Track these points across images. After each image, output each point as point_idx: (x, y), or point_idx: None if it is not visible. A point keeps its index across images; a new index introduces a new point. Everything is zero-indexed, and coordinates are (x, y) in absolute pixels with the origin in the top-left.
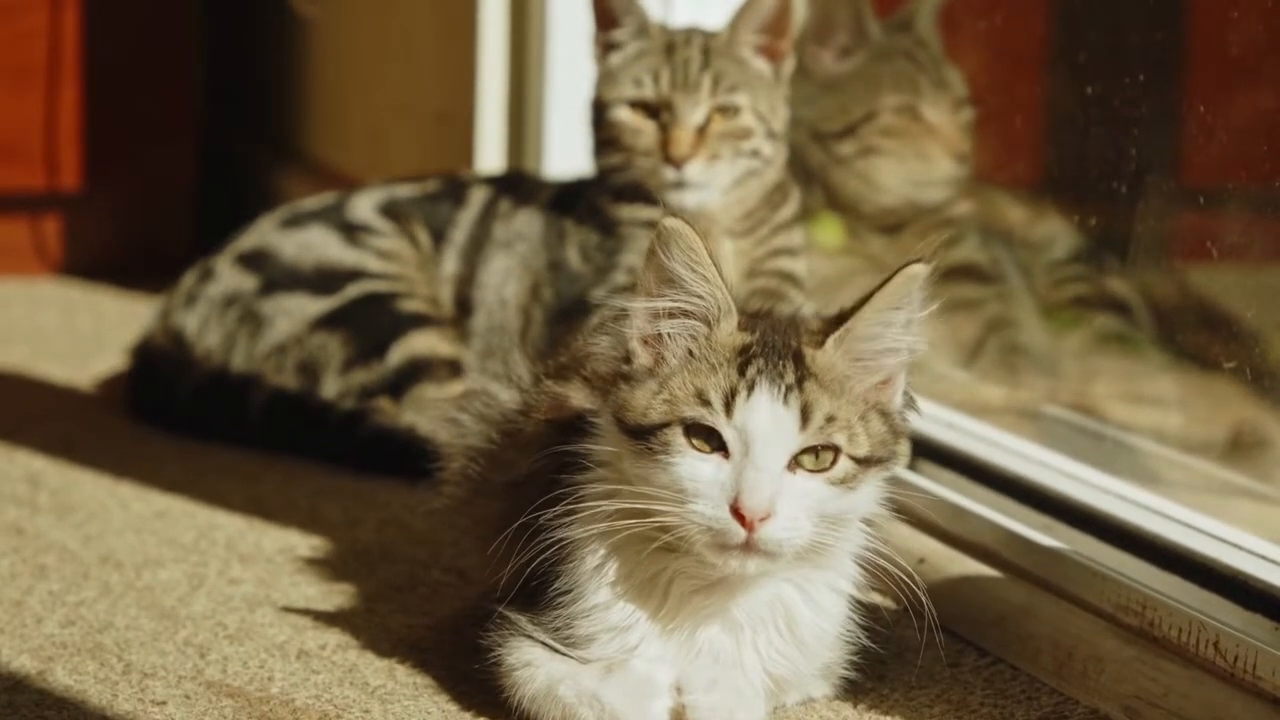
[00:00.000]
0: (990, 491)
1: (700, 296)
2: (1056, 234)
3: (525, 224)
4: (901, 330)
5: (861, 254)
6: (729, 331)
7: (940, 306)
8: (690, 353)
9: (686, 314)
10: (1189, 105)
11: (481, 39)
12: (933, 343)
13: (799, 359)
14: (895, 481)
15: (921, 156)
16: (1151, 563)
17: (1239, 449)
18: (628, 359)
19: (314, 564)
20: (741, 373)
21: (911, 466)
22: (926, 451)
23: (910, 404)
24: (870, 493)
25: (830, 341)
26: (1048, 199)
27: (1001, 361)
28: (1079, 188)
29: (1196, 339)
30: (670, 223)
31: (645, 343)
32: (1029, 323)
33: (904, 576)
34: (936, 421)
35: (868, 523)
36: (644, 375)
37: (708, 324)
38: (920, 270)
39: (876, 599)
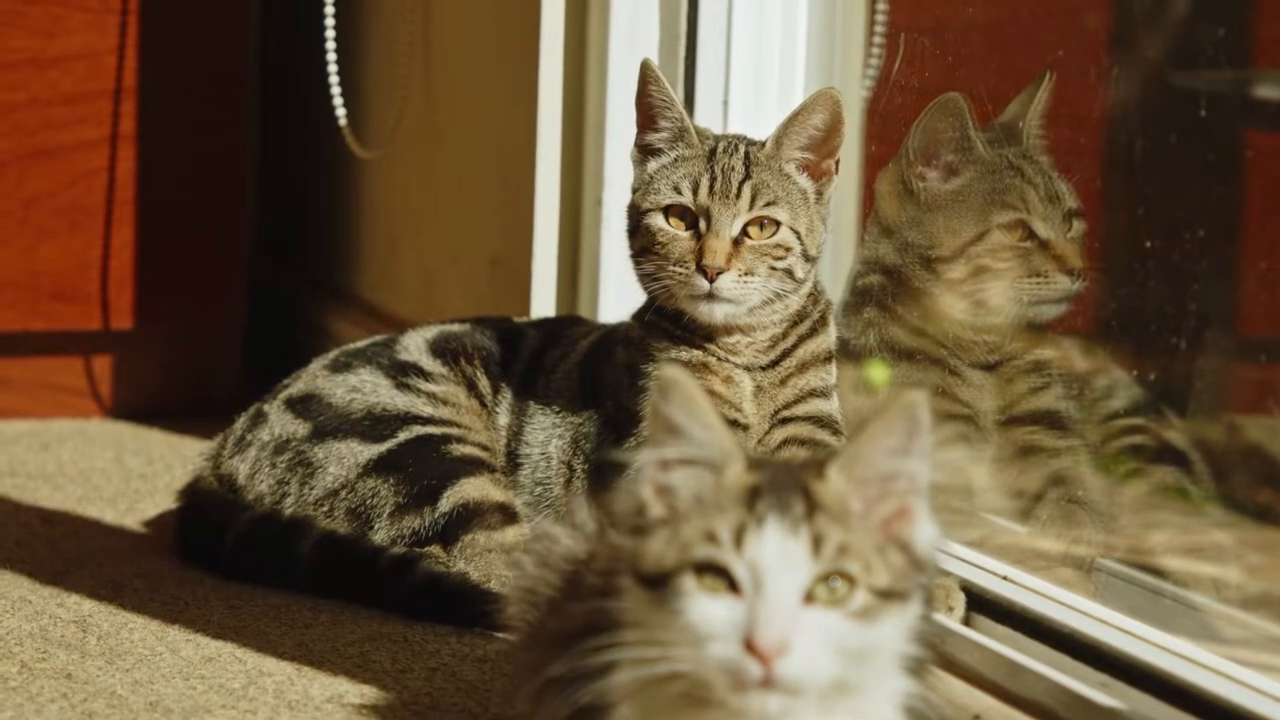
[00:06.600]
0: (1046, 648)
1: (704, 443)
2: (1115, 385)
3: (563, 379)
4: (904, 458)
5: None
6: (737, 473)
7: (1012, 451)
8: (699, 498)
9: (693, 461)
10: (1248, 260)
11: (538, 184)
12: (993, 489)
13: (806, 492)
14: (948, 633)
15: (1035, 274)
16: None
17: None
18: (641, 512)
19: (363, 712)
20: (750, 508)
21: (966, 621)
22: (981, 605)
23: (934, 539)
24: (896, 630)
25: (832, 470)
26: (1105, 350)
27: (1060, 513)
28: (1137, 340)
29: (1255, 493)
30: (668, 373)
31: (657, 493)
32: (1087, 474)
33: None
34: (992, 575)
35: (916, 671)
36: (658, 525)
37: (714, 469)
38: (918, 398)
39: None
